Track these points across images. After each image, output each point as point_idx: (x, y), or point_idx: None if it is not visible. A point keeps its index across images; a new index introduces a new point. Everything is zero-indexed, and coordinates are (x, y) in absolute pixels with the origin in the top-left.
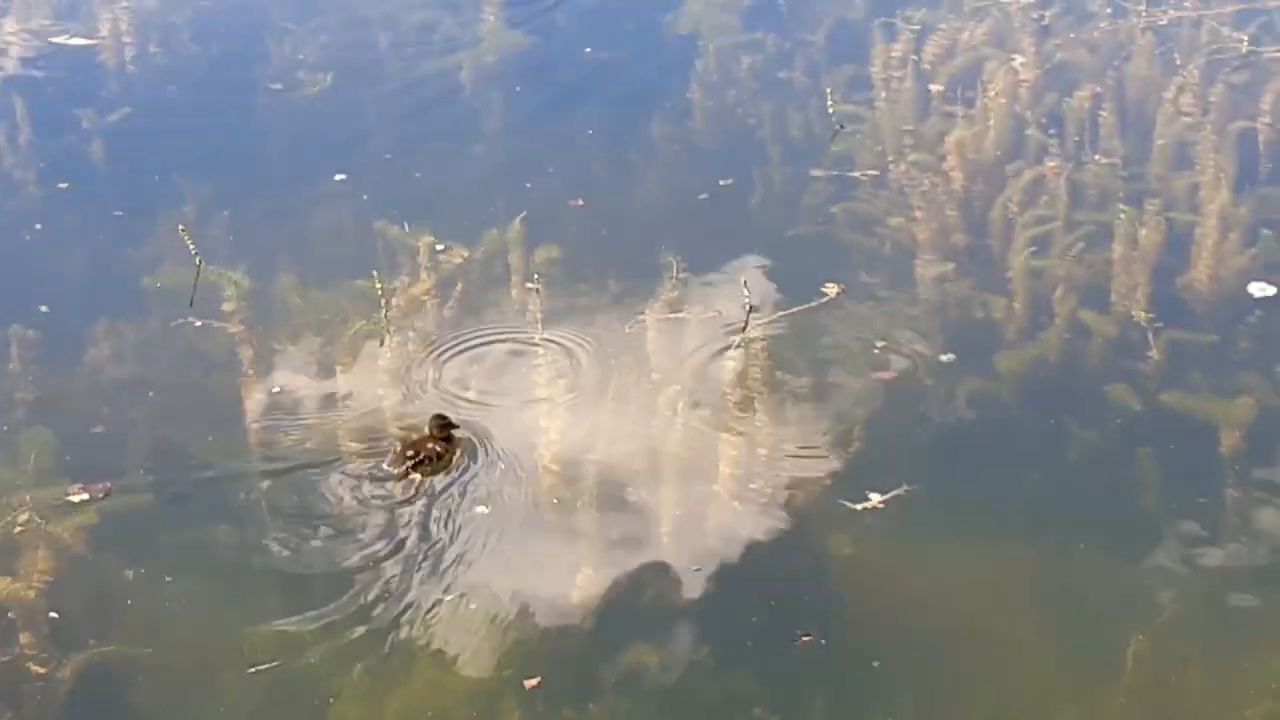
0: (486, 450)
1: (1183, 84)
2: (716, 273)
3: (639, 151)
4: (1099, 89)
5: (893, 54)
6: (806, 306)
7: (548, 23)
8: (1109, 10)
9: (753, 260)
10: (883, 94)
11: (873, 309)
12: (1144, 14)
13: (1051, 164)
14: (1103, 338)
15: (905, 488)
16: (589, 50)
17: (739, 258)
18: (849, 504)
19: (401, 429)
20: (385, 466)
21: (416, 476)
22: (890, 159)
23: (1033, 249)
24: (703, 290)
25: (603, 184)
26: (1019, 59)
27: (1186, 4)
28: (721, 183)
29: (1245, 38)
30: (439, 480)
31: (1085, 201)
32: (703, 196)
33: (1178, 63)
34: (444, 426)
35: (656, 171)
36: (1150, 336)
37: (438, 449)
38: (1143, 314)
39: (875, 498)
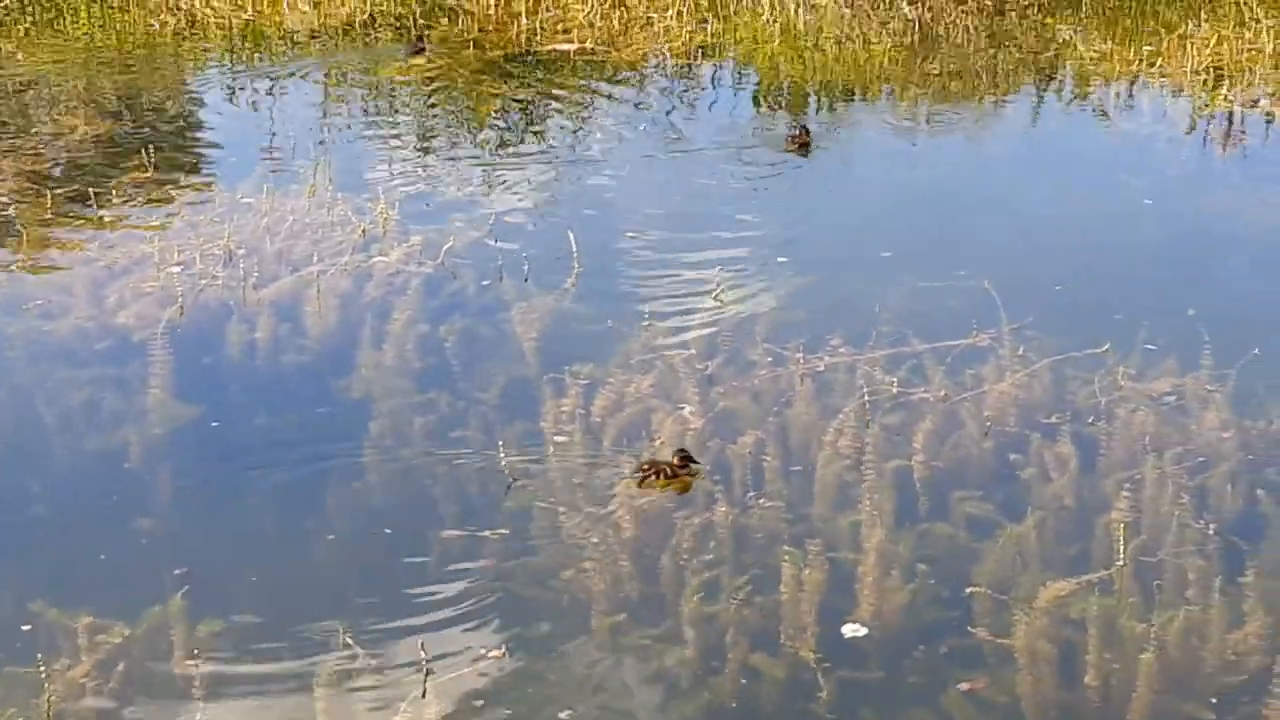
0: None
1: (840, 426)
2: (388, 638)
3: (313, 519)
4: (761, 434)
5: (562, 409)
6: (477, 668)
7: (219, 393)
8: (769, 359)
9: (428, 621)
10: (552, 448)
11: (547, 666)
12: (802, 361)
13: (718, 510)
14: (774, 680)
15: None
16: (215, 424)
17: (414, 620)
18: None
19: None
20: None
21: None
22: (563, 511)
23: (701, 595)
24: (376, 657)
25: (276, 554)
26: (685, 408)
27: (841, 350)
28: (386, 530)
29: (896, 380)
30: None
31: (751, 545)
32: (375, 560)
33: (835, 406)
34: (685, 459)
35: (328, 539)
36: (820, 677)
37: (669, 471)
38: (811, 654)
39: None
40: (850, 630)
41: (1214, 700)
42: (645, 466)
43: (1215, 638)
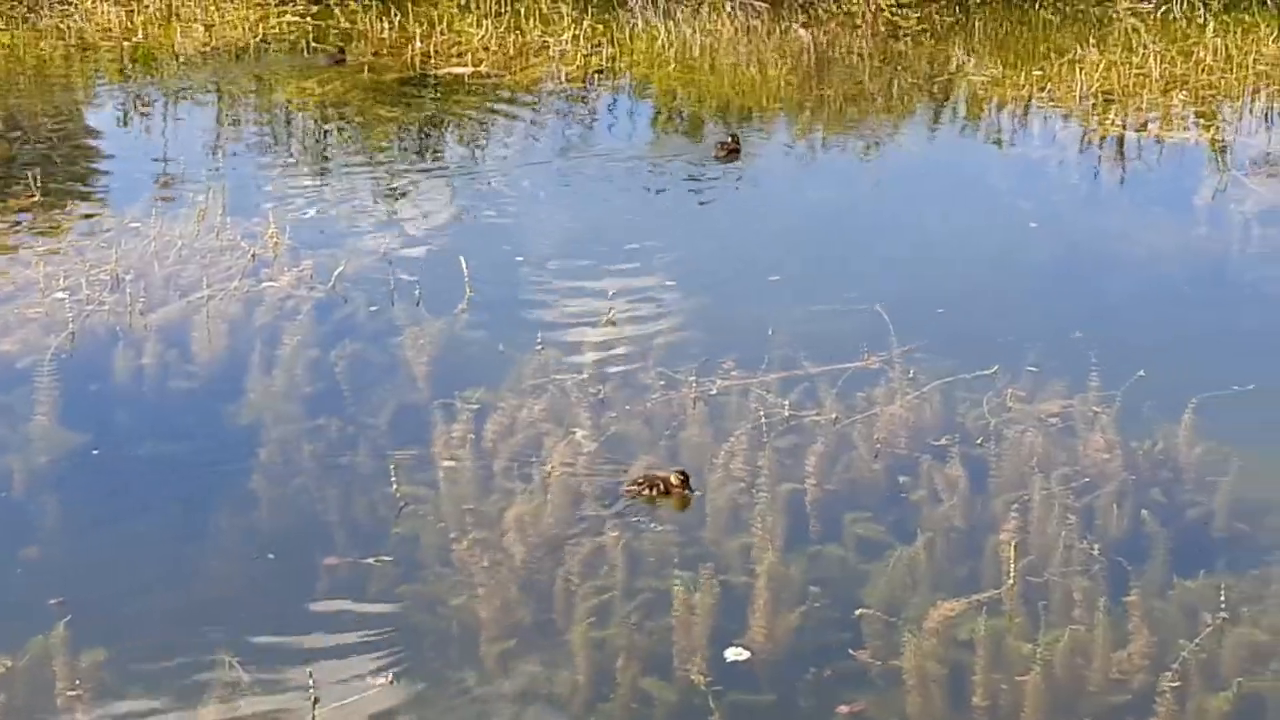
0: None
1: (732, 449)
2: (276, 667)
3: (200, 546)
4: (654, 458)
5: (453, 434)
6: (366, 696)
7: (105, 420)
8: (662, 383)
9: (316, 649)
10: (442, 473)
11: (437, 693)
12: (695, 384)
13: (610, 534)
14: (665, 705)
15: None
16: (95, 452)
17: (301, 647)
18: None
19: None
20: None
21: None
22: (453, 536)
23: (592, 620)
24: (263, 685)
25: (161, 582)
26: (577, 433)
27: (734, 373)
28: (271, 556)
29: (788, 403)
30: None
31: (643, 569)
32: (264, 587)
33: (727, 430)
34: (684, 480)
35: (215, 566)
36: (711, 701)
37: (665, 486)
38: (702, 678)
39: None
40: (733, 654)
41: None
42: (640, 480)
43: (1100, 657)
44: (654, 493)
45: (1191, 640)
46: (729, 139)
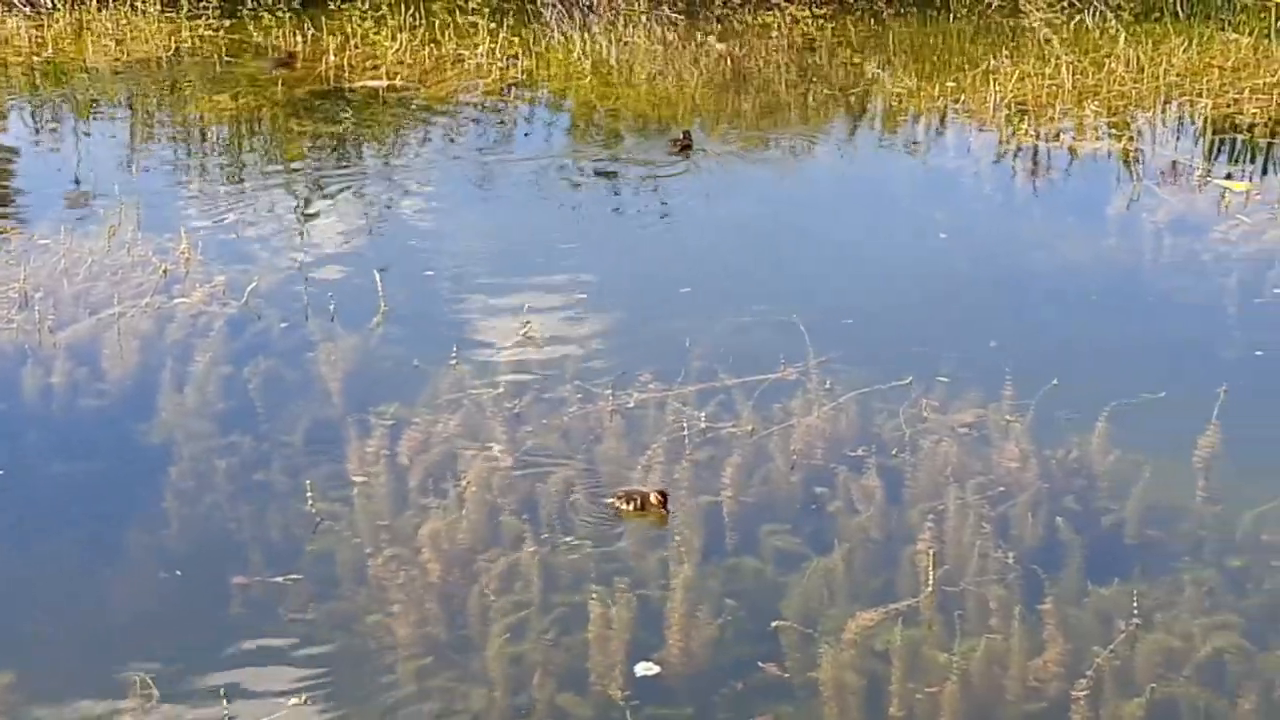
0: None
1: (649, 462)
2: (189, 688)
3: (110, 567)
4: (570, 472)
5: (368, 450)
6: (280, 716)
7: (13, 438)
8: (579, 396)
9: (229, 669)
10: (356, 490)
11: (352, 711)
12: (611, 398)
13: (526, 549)
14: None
15: None
16: (3, 472)
17: (217, 668)
18: None
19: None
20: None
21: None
22: (369, 553)
23: (508, 636)
24: (175, 707)
25: (71, 604)
26: (493, 447)
27: (651, 386)
28: (179, 573)
29: (704, 415)
30: None
31: (559, 584)
32: (176, 608)
33: (644, 443)
34: (663, 498)
35: (129, 585)
36: (629, 715)
37: (644, 502)
38: (619, 693)
39: None
40: (642, 669)
41: None
42: (620, 494)
43: (1016, 665)
44: (632, 507)
45: (1106, 647)
46: (681, 135)
